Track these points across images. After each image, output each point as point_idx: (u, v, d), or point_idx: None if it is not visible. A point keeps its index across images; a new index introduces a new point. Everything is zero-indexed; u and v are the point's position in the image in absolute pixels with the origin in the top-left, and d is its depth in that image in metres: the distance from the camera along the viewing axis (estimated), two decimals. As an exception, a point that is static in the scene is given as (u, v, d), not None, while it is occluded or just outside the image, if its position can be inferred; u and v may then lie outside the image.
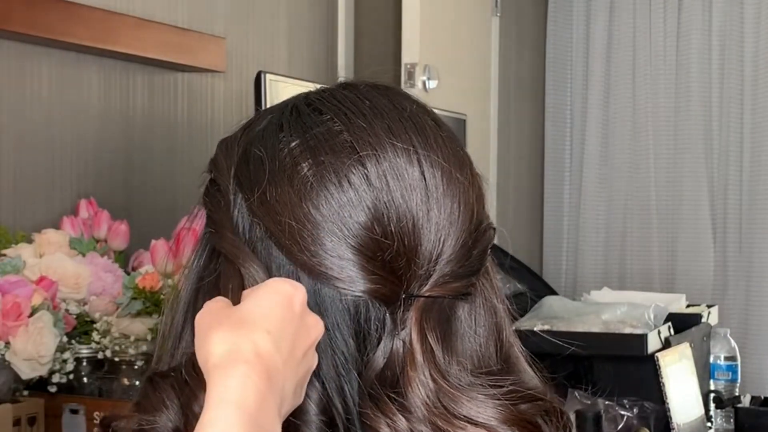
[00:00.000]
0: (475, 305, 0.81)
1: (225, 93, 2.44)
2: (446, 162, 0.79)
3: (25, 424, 1.57)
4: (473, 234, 0.79)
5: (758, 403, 2.57)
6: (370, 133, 0.78)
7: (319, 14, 2.84)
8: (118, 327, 1.68)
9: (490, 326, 0.81)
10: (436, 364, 0.76)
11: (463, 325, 0.80)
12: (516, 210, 3.83)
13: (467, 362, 0.79)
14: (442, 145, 0.80)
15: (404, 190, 0.76)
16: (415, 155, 0.77)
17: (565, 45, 3.96)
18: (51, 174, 1.97)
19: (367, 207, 0.76)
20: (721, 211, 3.74)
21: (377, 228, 0.75)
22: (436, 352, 0.76)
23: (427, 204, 0.77)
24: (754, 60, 3.66)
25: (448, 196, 0.78)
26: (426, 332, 0.76)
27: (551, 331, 2.24)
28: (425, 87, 2.85)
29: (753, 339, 3.58)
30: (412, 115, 0.81)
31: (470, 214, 0.79)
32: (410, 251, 0.76)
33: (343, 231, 0.75)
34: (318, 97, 0.82)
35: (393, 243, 0.75)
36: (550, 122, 3.98)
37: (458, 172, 0.79)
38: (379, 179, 0.76)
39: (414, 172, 0.77)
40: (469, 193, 0.79)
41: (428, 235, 0.77)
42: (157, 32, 2.15)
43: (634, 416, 2.13)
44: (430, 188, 0.77)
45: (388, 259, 0.75)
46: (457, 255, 0.77)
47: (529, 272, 2.71)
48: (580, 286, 3.68)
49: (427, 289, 0.77)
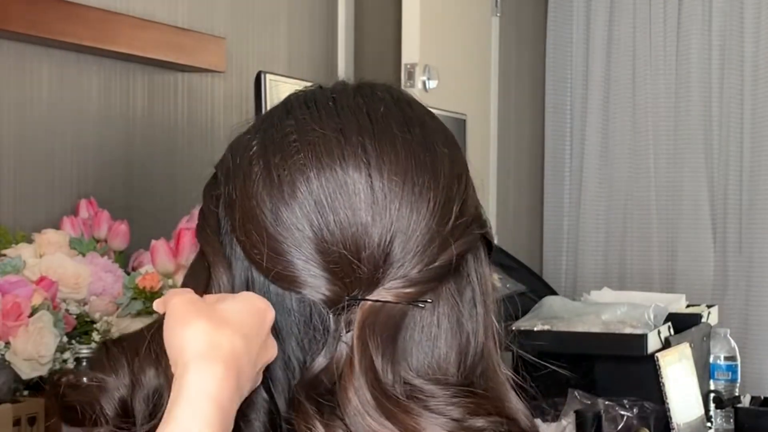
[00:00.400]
0: (437, 313, 0.77)
1: (225, 93, 2.44)
2: (403, 166, 0.76)
3: (25, 424, 1.57)
4: (439, 238, 0.76)
5: (758, 403, 2.57)
6: (320, 137, 0.77)
7: (319, 14, 2.84)
8: (118, 327, 1.68)
9: (453, 337, 0.78)
10: (374, 373, 0.73)
11: (421, 333, 0.77)
12: (516, 210, 3.83)
13: (417, 373, 0.76)
14: (405, 148, 0.77)
15: (347, 196, 0.75)
16: (363, 160, 0.76)
17: (565, 45, 3.96)
18: (51, 174, 1.97)
19: (309, 212, 0.76)
20: (721, 211, 3.73)
21: (318, 232, 0.75)
22: (375, 359, 0.74)
23: (372, 209, 0.75)
24: (754, 60, 3.66)
25: (403, 200, 0.76)
26: (367, 339, 0.74)
27: (551, 331, 2.24)
28: (425, 87, 2.85)
29: (753, 339, 3.58)
30: (378, 118, 0.79)
31: (436, 218, 0.77)
32: (353, 256, 0.75)
33: (288, 232, 0.76)
34: (296, 96, 0.83)
35: (335, 247, 0.75)
36: (550, 122, 3.98)
37: (421, 175, 0.77)
38: (321, 186, 0.75)
39: (360, 177, 0.75)
40: (434, 196, 0.77)
41: (373, 241, 0.75)
42: (157, 32, 2.15)
43: (634, 416, 2.13)
44: (377, 193, 0.75)
45: (331, 263, 0.75)
46: (413, 260, 0.76)
47: (529, 272, 2.71)
48: (580, 286, 3.68)
49: (373, 294, 0.75)
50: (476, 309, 0.80)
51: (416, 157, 0.78)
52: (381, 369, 0.74)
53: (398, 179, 0.76)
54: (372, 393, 0.73)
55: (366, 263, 0.75)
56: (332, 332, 0.76)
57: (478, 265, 0.81)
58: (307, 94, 0.83)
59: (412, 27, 2.85)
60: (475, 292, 0.80)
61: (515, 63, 3.76)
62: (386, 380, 0.74)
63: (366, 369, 0.73)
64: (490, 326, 0.81)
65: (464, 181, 0.81)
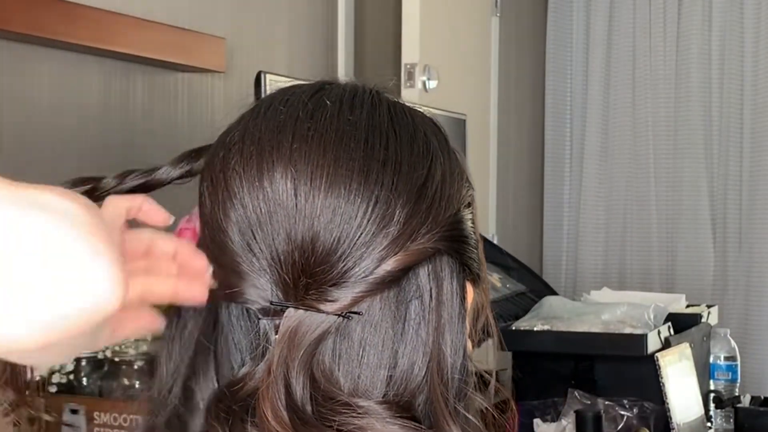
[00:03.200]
0: (367, 327, 0.73)
1: (225, 93, 2.44)
2: (333, 174, 0.72)
3: (26, 424, 1.57)
4: (374, 248, 0.72)
5: (758, 403, 2.57)
6: (255, 144, 0.75)
7: (319, 14, 2.84)
8: (118, 327, 1.68)
9: (381, 351, 0.73)
10: (289, 384, 0.70)
11: (351, 345, 0.73)
12: (516, 210, 3.83)
13: (339, 388, 0.72)
14: (341, 156, 0.73)
15: (271, 204, 0.73)
16: (291, 169, 0.72)
17: (565, 45, 3.96)
18: (51, 174, 1.96)
19: (239, 221, 0.74)
20: (721, 211, 3.74)
21: (245, 238, 0.73)
22: (291, 370, 0.70)
23: (294, 217, 0.72)
24: (754, 60, 3.66)
25: (326, 208, 0.72)
26: (289, 349, 0.70)
27: (551, 331, 2.24)
28: (425, 87, 2.85)
29: (753, 339, 3.58)
30: (320, 121, 0.75)
31: (369, 227, 0.72)
32: (276, 263, 0.72)
33: (225, 234, 0.74)
34: (273, 95, 0.81)
35: (260, 254, 0.73)
36: (550, 122, 3.98)
37: (359, 182, 0.72)
38: (250, 194, 0.73)
39: (286, 185, 0.72)
40: (374, 204, 0.72)
41: (295, 249, 0.72)
42: (157, 32, 2.15)
43: (634, 416, 2.13)
44: (300, 202, 0.72)
45: (256, 270, 0.73)
46: (342, 269, 0.71)
47: (529, 272, 2.71)
48: (580, 286, 3.69)
49: (294, 302, 0.72)
50: (422, 327, 0.74)
51: (360, 161, 0.73)
52: (301, 381, 0.71)
53: (327, 186, 0.72)
54: (289, 406, 0.70)
55: (290, 271, 0.72)
56: (254, 340, 0.73)
57: (436, 279, 0.75)
58: (282, 92, 0.81)
59: (412, 27, 2.86)
60: (425, 309, 0.74)
61: (515, 63, 3.76)
62: (305, 393, 0.71)
63: (282, 379, 0.70)
64: (438, 350, 0.74)
65: (431, 189, 0.75)
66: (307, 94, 0.78)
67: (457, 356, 0.75)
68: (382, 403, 0.72)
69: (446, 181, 0.76)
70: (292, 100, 0.77)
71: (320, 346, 0.72)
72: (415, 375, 0.73)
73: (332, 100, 0.76)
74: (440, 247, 0.74)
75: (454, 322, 0.75)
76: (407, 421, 0.71)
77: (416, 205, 0.74)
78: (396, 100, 0.80)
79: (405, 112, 0.79)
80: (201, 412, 0.75)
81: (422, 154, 0.76)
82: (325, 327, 0.72)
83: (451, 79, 3.02)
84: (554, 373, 2.25)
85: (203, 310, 0.77)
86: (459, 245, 0.76)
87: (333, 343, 0.72)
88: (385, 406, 0.71)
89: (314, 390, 0.71)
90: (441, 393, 0.73)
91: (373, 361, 0.73)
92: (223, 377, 0.75)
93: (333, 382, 0.72)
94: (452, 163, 0.79)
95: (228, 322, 0.75)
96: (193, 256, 0.76)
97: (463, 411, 0.75)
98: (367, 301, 0.72)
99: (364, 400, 0.71)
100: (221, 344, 0.75)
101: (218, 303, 0.76)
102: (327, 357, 0.72)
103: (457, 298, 0.76)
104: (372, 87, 0.79)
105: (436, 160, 0.77)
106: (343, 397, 0.71)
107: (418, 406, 0.73)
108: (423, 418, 0.73)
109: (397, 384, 0.73)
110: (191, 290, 0.75)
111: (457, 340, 0.75)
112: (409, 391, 0.73)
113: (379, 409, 0.71)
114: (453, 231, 0.76)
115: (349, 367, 0.72)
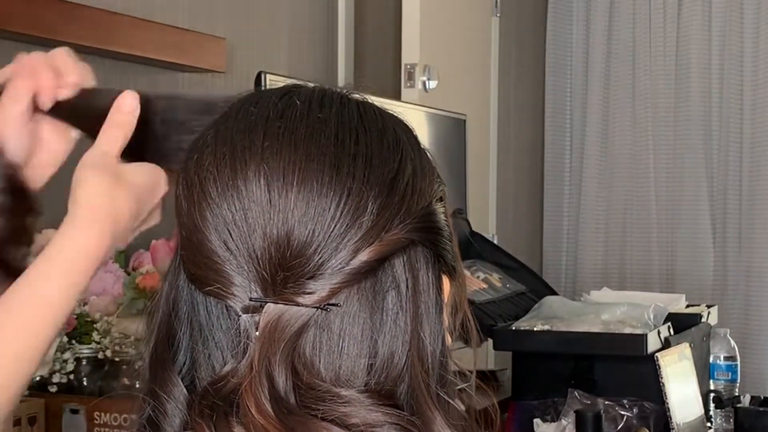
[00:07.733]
0: (346, 317, 0.74)
1: (225, 93, 2.44)
2: (304, 169, 0.73)
3: (25, 424, 1.57)
4: (348, 240, 0.73)
5: (758, 403, 2.57)
6: (228, 143, 0.76)
7: (319, 14, 2.85)
8: (118, 327, 1.68)
9: (360, 342, 0.74)
10: (272, 377, 0.71)
11: (330, 336, 0.74)
12: (516, 210, 3.83)
13: (321, 378, 0.73)
14: (312, 151, 0.74)
15: (246, 202, 0.74)
16: (263, 166, 0.74)
17: (565, 45, 3.96)
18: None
19: (215, 218, 0.74)
20: (721, 211, 3.74)
21: (221, 237, 0.74)
22: (273, 364, 0.71)
23: (269, 213, 0.73)
24: (754, 60, 3.67)
25: (300, 202, 0.73)
26: (270, 343, 0.72)
27: (551, 331, 2.24)
28: (425, 87, 2.85)
29: (753, 339, 3.58)
30: (290, 119, 0.76)
31: (343, 219, 0.73)
32: (253, 259, 0.73)
33: (202, 234, 0.75)
34: (244, 99, 0.82)
35: (237, 252, 0.74)
36: (549, 122, 3.98)
37: (330, 176, 0.73)
38: (225, 194, 0.74)
39: (260, 183, 0.73)
40: (346, 196, 0.73)
41: (271, 244, 0.73)
42: (157, 32, 2.15)
43: (634, 416, 2.13)
44: (274, 198, 0.73)
45: (234, 268, 0.74)
46: (317, 262, 0.73)
47: (529, 272, 2.71)
48: (580, 286, 3.69)
49: (273, 297, 0.73)
50: (400, 317, 0.75)
51: (323, 157, 0.74)
52: (283, 374, 0.71)
53: (298, 182, 0.73)
54: (272, 400, 0.70)
55: (270, 267, 0.73)
56: (236, 336, 0.74)
57: (411, 270, 0.76)
58: (259, 94, 0.82)
59: (412, 27, 2.86)
60: (402, 299, 0.75)
61: (515, 63, 3.76)
62: (288, 386, 0.71)
63: (265, 374, 0.71)
64: (417, 339, 0.75)
65: (402, 181, 0.76)
66: (276, 95, 0.79)
67: (437, 344, 0.76)
68: (364, 392, 0.73)
69: (417, 175, 0.78)
70: (262, 102, 0.79)
71: (300, 338, 0.73)
72: (396, 363, 0.74)
73: (302, 100, 0.78)
74: (414, 238, 0.76)
75: (431, 311, 0.76)
76: (390, 408, 0.72)
77: (388, 197, 0.75)
78: (365, 100, 0.81)
79: (374, 110, 0.80)
80: (174, 408, 0.76)
81: (392, 149, 0.77)
82: (305, 320, 0.73)
83: (451, 79, 3.02)
84: (554, 373, 2.25)
85: (170, 298, 0.79)
86: (433, 236, 0.78)
87: (313, 336, 0.73)
88: (367, 394, 0.73)
89: (297, 382, 0.72)
90: (422, 380, 0.74)
91: (353, 351, 0.74)
92: (201, 379, 0.76)
93: (315, 374, 0.73)
94: (423, 160, 0.80)
95: (208, 322, 0.76)
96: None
97: (445, 396, 0.76)
98: (345, 293, 0.73)
99: (346, 390, 0.73)
100: (200, 345, 0.76)
101: (195, 302, 0.77)
102: (308, 349, 0.73)
103: (434, 289, 0.77)
104: (340, 89, 0.81)
105: (406, 154, 0.78)
106: (325, 387, 0.72)
107: (400, 394, 0.74)
108: (406, 406, 0.74)
109: (378, 373, 0.74)
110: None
111: (435, 329, 0.76)
112: (390, 380, 0.74)
113: (361, 397, 0.72)
114: (426, 222, 0.77)
115: (329, 358, 0.73)
